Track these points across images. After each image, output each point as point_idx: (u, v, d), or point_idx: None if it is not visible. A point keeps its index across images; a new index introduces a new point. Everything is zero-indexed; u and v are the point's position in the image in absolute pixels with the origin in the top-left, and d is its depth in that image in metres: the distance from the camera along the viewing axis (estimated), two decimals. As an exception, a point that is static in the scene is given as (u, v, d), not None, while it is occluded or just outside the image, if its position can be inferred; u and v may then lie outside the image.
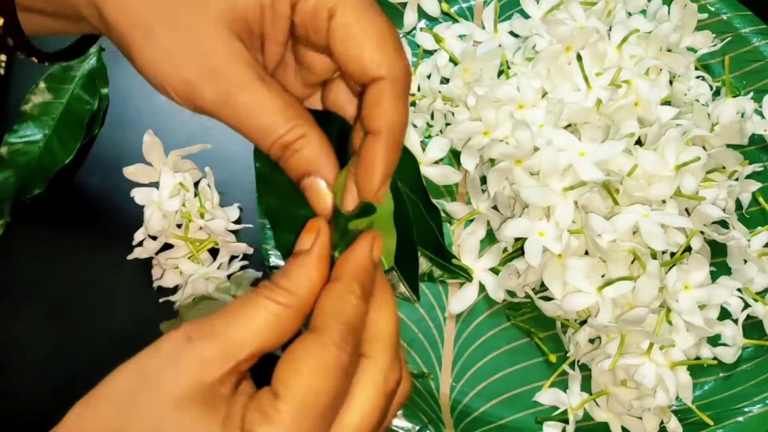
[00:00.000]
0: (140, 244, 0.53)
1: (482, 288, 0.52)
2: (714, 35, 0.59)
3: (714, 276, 0.50)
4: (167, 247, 0.53)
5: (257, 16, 0.30)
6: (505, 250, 0.52)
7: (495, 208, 0.52)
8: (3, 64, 0.38)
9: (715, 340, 0.51)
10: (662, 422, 0.47)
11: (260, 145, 0.30)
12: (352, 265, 0.29)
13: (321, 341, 0.27)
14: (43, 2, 0.35)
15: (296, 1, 0.30)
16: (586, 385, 0.49)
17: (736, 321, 0.50)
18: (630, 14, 0.58)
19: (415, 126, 0.56)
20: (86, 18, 0.32)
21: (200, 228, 0.53)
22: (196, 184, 0.54)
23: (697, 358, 0.49)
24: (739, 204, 0.54)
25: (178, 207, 0.52)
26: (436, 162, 0.55)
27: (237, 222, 0.55)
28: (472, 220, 0.54)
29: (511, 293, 0.51)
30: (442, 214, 0.53)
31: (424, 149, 0.54)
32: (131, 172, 0.53)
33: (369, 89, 0.30)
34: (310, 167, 0.30)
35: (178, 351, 0.27)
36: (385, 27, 0.30)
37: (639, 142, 0.52)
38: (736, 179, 0.52)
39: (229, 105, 0.29)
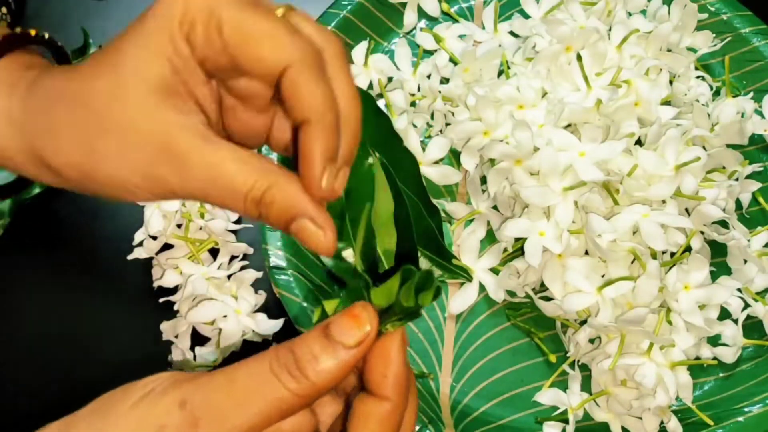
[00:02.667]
0: (140, 244, 0.53)
1: (482, 288, 0.52)
2: (714, 35, 0.59)
3: (714, 276, 0.50)
4: (167, 247, 0.53)
5: (168, 69, 0.29)
6: (505, 250, 0.52)
7: (495, 208, 0.52)
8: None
9: (715, 340, 0.51)
10: (662, 422, 0.47)
11: (234, 208, 0.29)
12: (399, 383, 0.28)
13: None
14: None
15: (188, 35, 0.29)
16: (586, 385, 0.49)
17: (736, 321, 0.50)
18: (630, 14, 0.58)
19: (415, 126, 0.56)
20: (28, 175, 0.32)
21: (200, 228, 0.53)
22: (196, 184, 0.54)
23: (697, 358, 0.49)
24: (739, 204, 0.54)
25: (178, 207, 0.52)
26: (436, 162, 0.55)
27: (237, 222, 0.55)
28: (472, 220, 0.54)
29: (511, 293, 0.51)
30: (442, 214, 0.53)
31: (424, 149, 0.54)
32: (131, 172, 0.53)
33: (281, 82, 0.28)
34: (290, 212, 0.29)
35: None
36: (271, 16, 0.29)
37: (639, 142, 0.52)
38: (736, 179, 0.52)
39: (189, 179, 0.28)
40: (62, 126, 0.30)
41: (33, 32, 0.36)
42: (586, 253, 0.49)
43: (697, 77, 0.57)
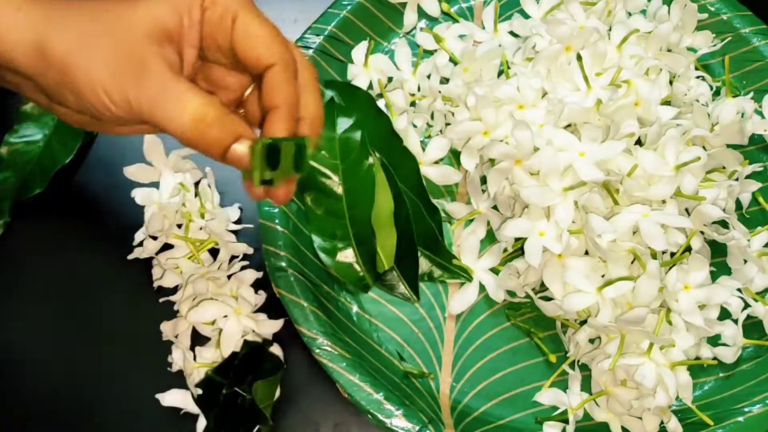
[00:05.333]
0: (140, 244, 0.53)
1: (482, 288, 0.52)
2: (714, 35, 0.59)
3: (714, 276, 0.50)
4: (167, 247, 0.53)
5: (177, 23, 0.36)
6: (505, 250, 0.52)
7: (495, 208, 0.52)
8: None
9: (715, 340, 0.51)
10: (662, 422, 0.47)
11: (175, 128, 0.34)
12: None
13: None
14: None
15: (205, 10, 0.37)
16: (586, 385, 0.49)
17: (736, 321, 0.50)
18: (630, 14, 0.58)
19: (415, 126, 0.56)
20: (17, 67, 0.36)
21: (200, 228, 0.53)
22: (196, 184, 0.54)
23: (697, 358, 0.49)
24: (739, 204, 0.54)
25: (178, 207, 0.52)
26: (436, 162, 0.55)
27: (237, 222, 0.55)
28: (472, 220, 0.54)
29: (511, 293, 0.51)
30: (442, 214, 0.53)
31: (424, 149, 0.54)
32: (132, 171, 0.54)
33: (266, 76, 0.37)
34: (232, 134, 0.34)
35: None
36: (273, 28, 0.37)
37: (639, 142, 0.52)
38: (736, 179, 0.52)
39: (144, 88, 0.34)
40: (71, 21, 0.35)
41: None
42: (586, 253, 0.49)
43: (697, 77, 0.57)
